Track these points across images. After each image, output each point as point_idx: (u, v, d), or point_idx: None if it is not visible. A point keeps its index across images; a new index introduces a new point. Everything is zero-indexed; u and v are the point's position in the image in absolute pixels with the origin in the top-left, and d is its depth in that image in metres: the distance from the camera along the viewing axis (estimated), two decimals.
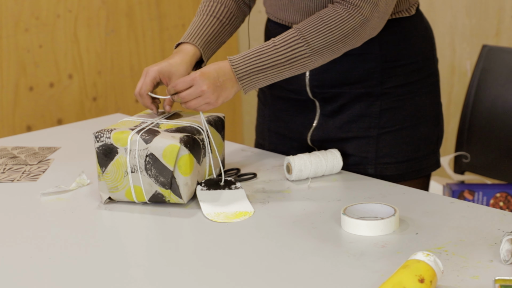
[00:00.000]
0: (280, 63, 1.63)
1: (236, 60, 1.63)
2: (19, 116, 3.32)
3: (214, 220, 1.56)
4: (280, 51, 1.63)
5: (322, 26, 1.63)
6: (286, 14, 1.80)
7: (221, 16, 1.82)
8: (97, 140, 1.62)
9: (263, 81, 1.65)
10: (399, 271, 1.22)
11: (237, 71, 1.62)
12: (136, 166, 1.61)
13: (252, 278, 1.33)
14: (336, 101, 1.81)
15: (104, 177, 1.63)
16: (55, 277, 1.35)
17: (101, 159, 1.62)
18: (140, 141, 1.60)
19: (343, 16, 1.63)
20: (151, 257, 1.43)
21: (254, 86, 1.65)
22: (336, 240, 1.46)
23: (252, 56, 1.63)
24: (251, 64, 1.63)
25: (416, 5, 1.81)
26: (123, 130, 1.63)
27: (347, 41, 1.64)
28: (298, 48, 1.63)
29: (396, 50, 1.78)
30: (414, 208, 1.58)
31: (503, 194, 2.58)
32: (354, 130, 1.81)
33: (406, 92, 1.80)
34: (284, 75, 1.65)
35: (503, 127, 2.57)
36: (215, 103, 1.63)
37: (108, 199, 1.65)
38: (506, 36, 3.07)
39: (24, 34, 3.27)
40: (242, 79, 1.63)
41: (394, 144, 1.81)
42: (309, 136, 1.87)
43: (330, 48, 1.64)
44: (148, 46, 3.63)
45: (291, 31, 1.64)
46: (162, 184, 1.60)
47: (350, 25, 1.63)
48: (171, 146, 1.58)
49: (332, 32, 1.63)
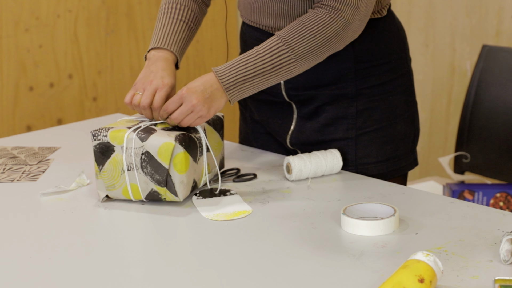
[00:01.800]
0: (265, 70, 1.64)
1: (222, 71, 1.64)
2: (19, 116, 3.32)
3: (214, 219, 1.56)
4: (265, 59, 1.64)
5: (305, 31, 1.63)
6: (260, 17, 1.81)
7: (188, 20, 1.81)
8: (94, 138, 1.63)
9: (250, 89, 1.65)
10: (399, 271, 1.22)
11: (224, 81, 1.63)
12: (132, 164, 1.61)
13: (251, 278, 1.33)
14: (312, 103, 1.82)
15: (101, 175, 1.64)
16: (55, 277, 1.35)
17: (98, 157, 1.63)
18: (136, 139, 1.60)
19: (325, 20, 1.63)
20: (151, 257, 1.43)
21: (241, 95, 1.65)
22: (336, 240, 1.46)
23: (237, 65, 1.64)
24: (236, 73, 1.63)
25: (387, 6, 1.82)
26: (120, 128, 1.63)
27: (331, 44, 1.65)
28: (282, 55, 1.63)
29: (369, 50, 1.79)
30: (414, 208, 1.58)
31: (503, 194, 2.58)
32: (332, 132, 1.82)
33: (381, 92, 1.81)
34: (270, 82, 1.66)
35: (503, 127, 2.57)
36: (208, 115, 1.63)
37: (105, 197, 1.66)
38: (506, 36, 3.07)
39: (24, 34, 3.27)
40: (229, 90, 1.63)
41: (373, 144, 1.82)
42: (288, 139, 1.87)
43: (314, 53, 1.65)
44: (148, 46, 3.62)
45: (274, 38, 1.65)
46: (158, 182, 1.61)
47: (332, 29, 1.63)
48: (166, 144, 1.58)
49: (315, 36, 1.63)
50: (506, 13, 3.06)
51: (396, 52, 1.84)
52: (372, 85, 1.81)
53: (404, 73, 1.86)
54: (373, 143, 1.83)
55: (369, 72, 1.80)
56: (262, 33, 1.82)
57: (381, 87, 1.82)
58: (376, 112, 1.82)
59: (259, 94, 1.89)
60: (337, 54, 1.77)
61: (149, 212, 1.61)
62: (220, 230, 1.52)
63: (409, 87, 1.88)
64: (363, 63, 1.79)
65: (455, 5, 3.19)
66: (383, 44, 1.81)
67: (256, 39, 1.84)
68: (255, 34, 1.84)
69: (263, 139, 1.96)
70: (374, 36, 1.80)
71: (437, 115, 3.32)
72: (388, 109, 1.83)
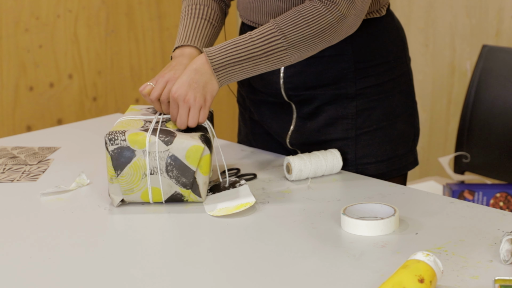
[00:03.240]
0: (256, 55, 1.63)
1: (212, 51, 1.63)
2: (19, 116, 3.32)
3: (215, 215, 1.56)
4: (257, 43, 1.63)
5: (300, 19, 1.63)
6: (259, 17, 1.81)
7: (210, 18, 1.82)
8: (112, 143, 1.58)
9: (239, 74, 1.64)
10: (399, 271, 1.22)
11: (213, 62, 1.62)
12: (156, 168, 1.59)
13: (251, 278, 1.33)
14: (312, 103, 1.82)
15: (118, 180, 1.60)
16: (55, 277, 1.35)
17: (117, 162, 1.59)
18: (160, 143, 1.58)
19: (321, 11, 1.63)
20: (151, 256, 1.43)
21: (229, 79, 1.64)
22: (336, 240, 1.46)
23: (228, 47, 1.63)
24: (227, 55, 1.62)
25: (386, 5, 1.82)
26: (136, 131, 1.60)
27: (324, 36, 1.64)
28: (275, 41, 1.63)
29: (368, 50, 1.79)
30: (414, 208, 1.58)
31: (503, 194, 2.58)
32: (332, 133, 1.82)
33: (380, 92, 1.81)
34: (260, 68, 1.65)
35: (503, 127, 2.57)
36: (207, 103, 1.62)
37: (120, 202, 1.63)
38: (506, 36, 3.07)
39: (24, 34, 3.27)
40: (218, 70, 1.62)
41: (372, 144, 1.82)
42: (288, 140, 1.87)
43: (307, 42, 1.64)
44: (148, 46, 3.63)
45: (268, 25, 1.64)
46: (184, 185, 1.60)
47: (327, 20, 1.63)
48: (195, 147, 1.57)
49: (310, 26, 1.63)
50: (506, 13, 3.06)
51: (396, 52, 1.84)
52: (372, 85, 1.81)
53: (404, 73, 1.86)
54: (373, 143, 1.83)
55: (369, 72, 1.80)
56: None
57: (381, 87, 1.82)
58: (375, 112, 1.82)
59: (258, 94, 1.89)
60: (336, 54, 1.77)
61: (149, 212, 1.61)
62: (220, 230, 1.52)
63: (409, 87, 1.88)
64: (362, 63, 1.79)
65: (455, 5, 3.19)
66: (382, 44, 1.81)
67: None
68: None
69: (263, 139, 1.96)
70: (373, 35, 1.80)
71: (437, 115, 3.32)
72: (387, 109, 1.83)
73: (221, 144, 1.91)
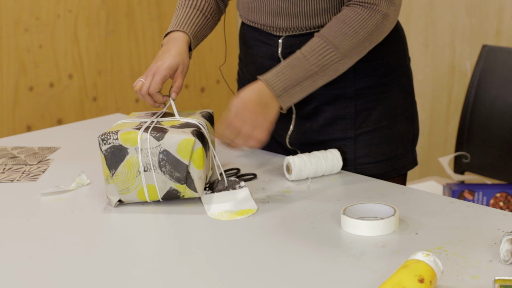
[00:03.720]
0: (313, 72, 1.66)
1: (271, 79, 1.65)
2: (19, 116, 3.32)
3: (217, 218, 1.56)
4: (311, 61, 1.65)
5: (347, 28, 1.65)
6: (258, 16, 1.81)
7: (204, 10, 1.83)
8: (104, 142, 1.59)
9: (300, 93, 1.67)
10: (398, 271, 1.22)
11: (274, 88, 1.64)
12: (149, 165, 1.59)
13: (251, 277, 1.33)
14: (311, 103, 1.82)
15: (113, 180, 1.61)
16: (55, 277, 1.35)
17: (110, 161, 1.60)
18: (151, 139, 1.59)
19: (364, 16, 1.65)
20: (151, 256, 1.43)
21: (291, 100, 1.67)
22: (336, 240, 1.46)
23: (285, 71, 1.65)
24: (285, 79, 1.65)
25: None
26: (128, 130, 1.61)
27: (372, 38, 1.67)
28: (328, 54, 1.65)
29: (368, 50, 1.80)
30: (414, 208, 1.58)
31: (503, 194, 2.58)
32: (331, 133, 1.83)
33: (380, 92, 1.82)
34: (318, 84, 1.68)
35: (503, 127, 2.57)
36: (268, 125, 1.64)
37: (118, 202, 1.64)
38: (506, 36, 3.07)
39: (24, 34, 3.27)
40: (280, 96, 1.65)
41: (372, 144, 1.82)
42: (287, 139, 1.88)
43: (358, 48, 1.67)
44: (148, 46, 3.63)
45: (315, 39, 1.66)
46: (178, 180, 1.60)
47: (372, 23, 1.66)
48: (185, 141, 1.58)
49: (357, 32, 1.65)
50: (506, 13, 3.06)
51: (395, 52, 1.84)
52: (371, 85, 1.81)
53: (403, 73, 1.86)
54: (372, 143, 1.83)
55: (368, 72, 1.80)
56: (261, 32, 1.83)
57: (380, 87, 1.82)
58: (375, 112, 1.82)
59: None
60: None
61: (149, 212, 1.61)
62: (220, 230, 1.52)
63: (409, 87, 1.88)
64: (362, 63, 1.79)
65: (455, 5, 3.20)
66: (382, 44, 1.81)
67: (255, 39, 1.84)
68: (254, 34, 1.85)
69: None
70: None
71: (437, 115, 3.32)
72: (387, 109, 1.83)
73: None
